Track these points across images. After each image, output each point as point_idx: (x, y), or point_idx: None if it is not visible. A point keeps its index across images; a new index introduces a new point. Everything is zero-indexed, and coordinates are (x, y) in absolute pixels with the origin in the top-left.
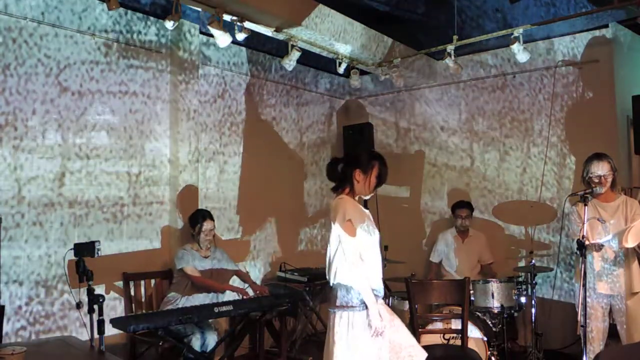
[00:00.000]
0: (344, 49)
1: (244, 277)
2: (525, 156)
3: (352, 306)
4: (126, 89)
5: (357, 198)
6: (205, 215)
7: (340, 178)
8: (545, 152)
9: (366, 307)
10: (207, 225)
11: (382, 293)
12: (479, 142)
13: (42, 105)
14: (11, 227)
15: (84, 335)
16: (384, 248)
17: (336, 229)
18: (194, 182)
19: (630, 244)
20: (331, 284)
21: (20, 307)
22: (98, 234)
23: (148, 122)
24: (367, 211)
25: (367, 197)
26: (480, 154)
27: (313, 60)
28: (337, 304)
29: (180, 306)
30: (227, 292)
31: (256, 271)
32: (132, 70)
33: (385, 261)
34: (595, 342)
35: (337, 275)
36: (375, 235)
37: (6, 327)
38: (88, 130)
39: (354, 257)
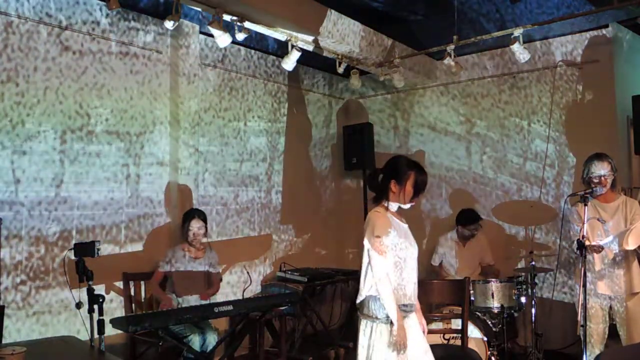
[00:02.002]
0: (344, 49)
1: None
2: (525, 156)
3: (377, 318)
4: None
5: (396, 209)
6: (194, 214)
7: (379, 189)
8: (545, 152)
9: (391, 322)
10: (194, 224)
11: (411, 310)
12: (478, 142)
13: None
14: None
15: (84, 335)
16: None
17: (366, 244)
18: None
19: (630, 246)
20: (363, 295)
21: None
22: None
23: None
24: (404, 225)
25: (406, 207)
26: (480, 154)
27: (313, 60)
28: (364, 312)
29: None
30: (225, 292)
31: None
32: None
33: None
34: (596, 342)
35: (366, 286)
36: (411, 249)
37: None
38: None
39: (381, 274)
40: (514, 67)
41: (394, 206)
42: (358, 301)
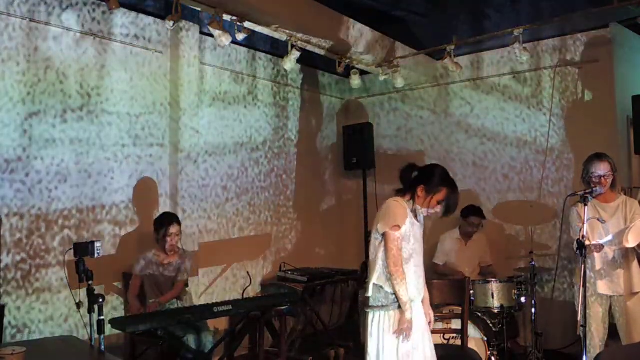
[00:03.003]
0: (343, 49)
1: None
2: (525, 156)
3: (383, 306)
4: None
5: (414, 208)
6: (172, 219)
7: (408, 185)
8: (545, 152)
9: (398, 307)
10: (172, 230)
11: (418, 300)
12: (478, 142)
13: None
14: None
15: (84, 335)
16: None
17: (380, 229)
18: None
19: (631, 243)
20: (370, 284)
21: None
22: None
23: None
24: (417, 223)
25: (423, 214)
26: (480, 154)
27: (313, 60)
28: (370, 304)
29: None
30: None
31: (257, 270)
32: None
33: None
34: (596, 342)
35: (374, 276)
36: (417, 246)
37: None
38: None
39: (396, 256)
40: (514, 67)
41: (414, 206)
42: (367, 294)
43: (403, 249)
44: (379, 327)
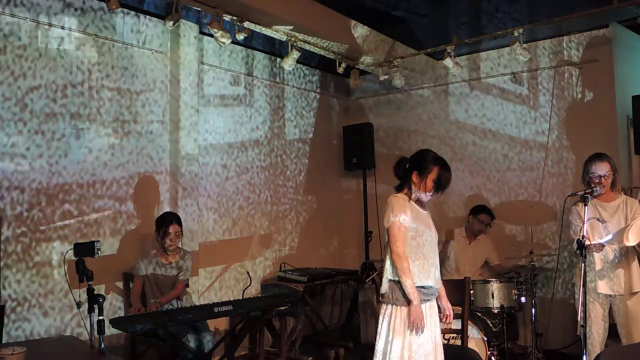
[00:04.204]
0: (343, 49)
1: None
2: (525, 156)
3: (397, 299)
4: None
5: (415, 199)
6: (172, 219)
7: (402, 178)
8: (545, 151)
9: (409, 303)
10: (171, 230)
11: (434, 293)
12: (478, 142)
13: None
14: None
15: (84, 335)
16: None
17: (385, 225)
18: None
19: (631, 242)
20: (385, 281)
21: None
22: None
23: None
24: (424, 212)
25: (425, 200)
26: (480, 153)
27: (313, 60)
28: (385, 296)
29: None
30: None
31: (257, 270)
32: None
33: None
34: (595, 342)
35: (387, 270)
36: (429, 233)
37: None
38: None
39: (399, 250)
40: (514, 67)
41: (414, 195)
42: (382, 291)
43: (412, 240)
44: (391, 321)
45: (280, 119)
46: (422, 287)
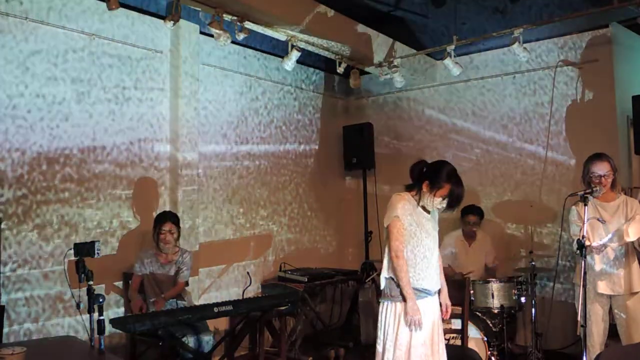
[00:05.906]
0: (343, 49)
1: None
2: (526, 156)
3: (392, 296)
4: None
5: (420, 204)
6: (167, 217)
7: (416, 180)
8: (545, 151)
9: (405, 299)
10: (165, 228)
11: (430, 294)
12: (478, 141)
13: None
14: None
15: (84, 335)
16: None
17: (385, 223)
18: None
19: (631, 237)
20: (383, 278)
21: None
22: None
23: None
24: (426, 214)
25: (430, 209)
26: (480, 153)
27: (313, 60)
28: (384, 292)
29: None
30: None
31: (257, 270)
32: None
33: None
34: (595, 342)
35: (384, 267)
36: (425, 238)
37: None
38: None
39: (397, 249)
40: (514, 67)
41: (421, 202)
42: (381, 286)
43: (410, 241)
44: (387, 317)
45: (280, 120)
46: (416, 289)
